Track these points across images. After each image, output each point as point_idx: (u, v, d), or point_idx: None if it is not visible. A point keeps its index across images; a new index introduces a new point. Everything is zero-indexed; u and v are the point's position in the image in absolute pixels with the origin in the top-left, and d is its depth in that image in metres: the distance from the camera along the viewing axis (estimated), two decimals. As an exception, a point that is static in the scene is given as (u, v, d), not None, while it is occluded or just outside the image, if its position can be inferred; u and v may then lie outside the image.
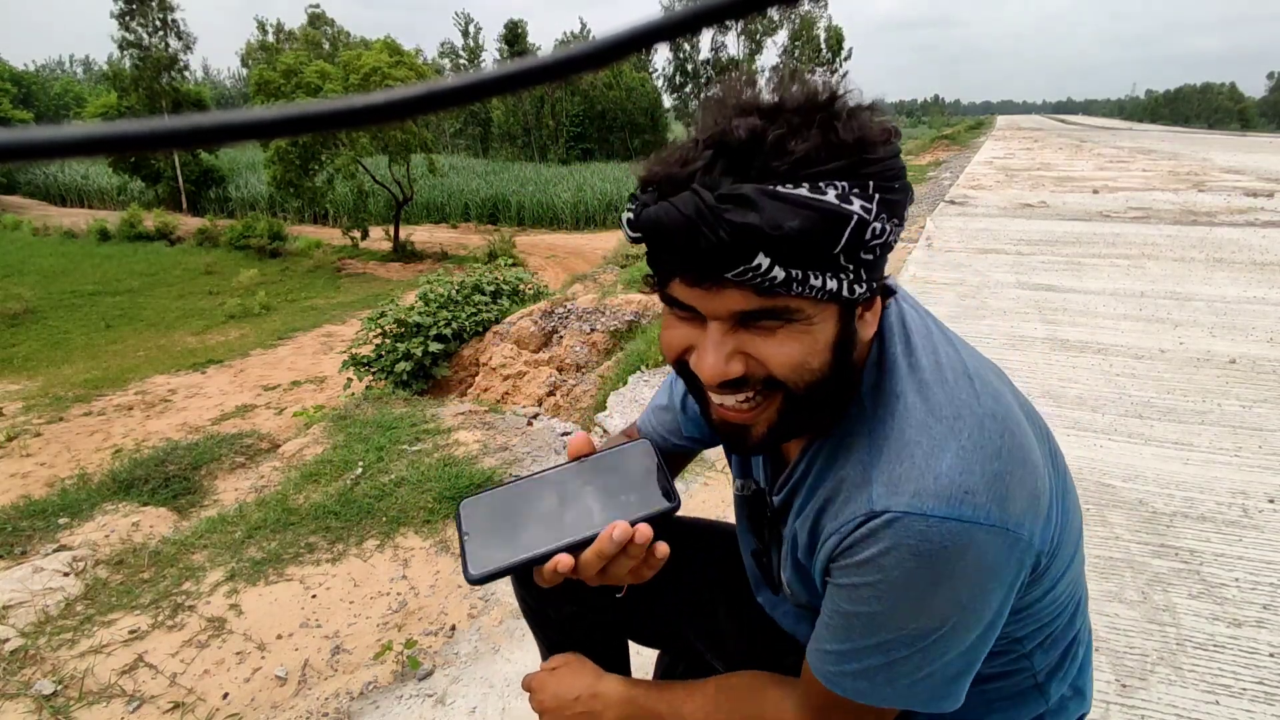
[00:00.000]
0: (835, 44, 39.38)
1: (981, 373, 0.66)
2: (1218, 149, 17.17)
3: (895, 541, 0.59)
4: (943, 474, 0.58)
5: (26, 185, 34.19)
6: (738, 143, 0.54)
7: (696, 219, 0.53)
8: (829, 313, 0.59)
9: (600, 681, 0.87)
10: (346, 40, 39.71)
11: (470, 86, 0.19)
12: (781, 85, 0.57)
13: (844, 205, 0.53)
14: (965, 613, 0.61)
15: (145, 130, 0.17)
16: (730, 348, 0.60)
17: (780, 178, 0.53)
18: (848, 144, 0.54)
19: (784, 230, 0.52)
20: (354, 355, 4.97)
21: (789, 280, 0.54)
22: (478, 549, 0.64)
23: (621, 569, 0.67)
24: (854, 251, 0.55)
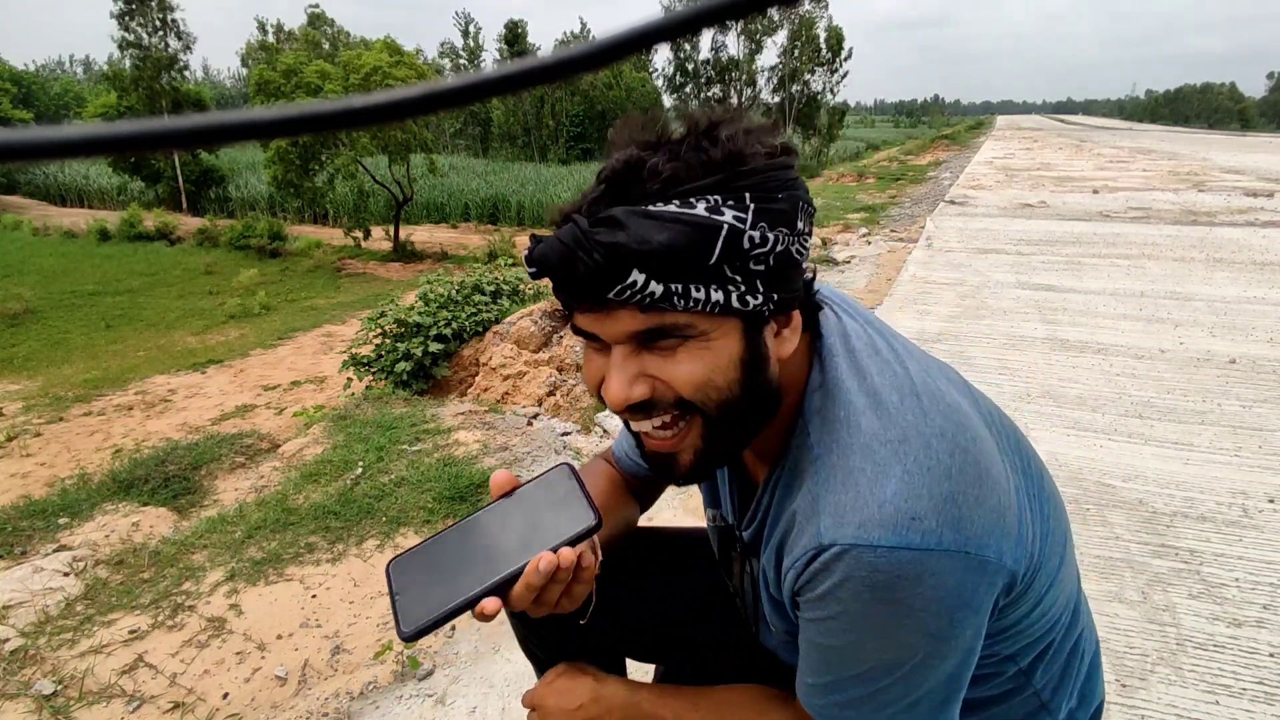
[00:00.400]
0: (835, 44, 39.35)
1: (932, 387, 0.64)
2: (1218, 149, 17.16)
3: (846, 575, 0.58)
4: (887, 501, 0.57)
5: (26, 185, 34.17)
6: (614, 174, 0.57)
7: (573, 246, 0.54)
8: (729, 328, 0.59)
9: (602, 685, 0.86)
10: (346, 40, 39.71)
11: (470, 87, 0.19)
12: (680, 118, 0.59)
13: (714, 216, 0.54)
14: (938, 642, 0.59)
15: (145, 130, 0.17)
16: (633, 371, 0.60)
17: (651, 198, 0.55)
18: (718, 160, 0.56)
19: (652, 245, 0.53)
20: (354, 355, 4.97)
21: (669, 294, 0.55)
22: (408, 606, 0.65)
23: (553, 595, 0.68)
24: (735, 262, 0.55)
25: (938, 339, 3.61)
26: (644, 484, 1.01)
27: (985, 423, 0.67)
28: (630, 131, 0.59)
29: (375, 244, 20.32)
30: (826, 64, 39.60)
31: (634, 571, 0.97)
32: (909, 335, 3.65)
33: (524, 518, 0.70)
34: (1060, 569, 0.71)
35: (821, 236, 6.85)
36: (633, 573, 0.96)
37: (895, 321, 3.91)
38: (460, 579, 0.66)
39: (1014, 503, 0.62)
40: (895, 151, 22.98)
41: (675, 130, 0.58)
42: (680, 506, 2.24)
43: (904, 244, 6.16)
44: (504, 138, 47.75)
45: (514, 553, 0.67)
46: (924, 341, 3.56)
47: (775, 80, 40.13)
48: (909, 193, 10.09)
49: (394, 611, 0.65)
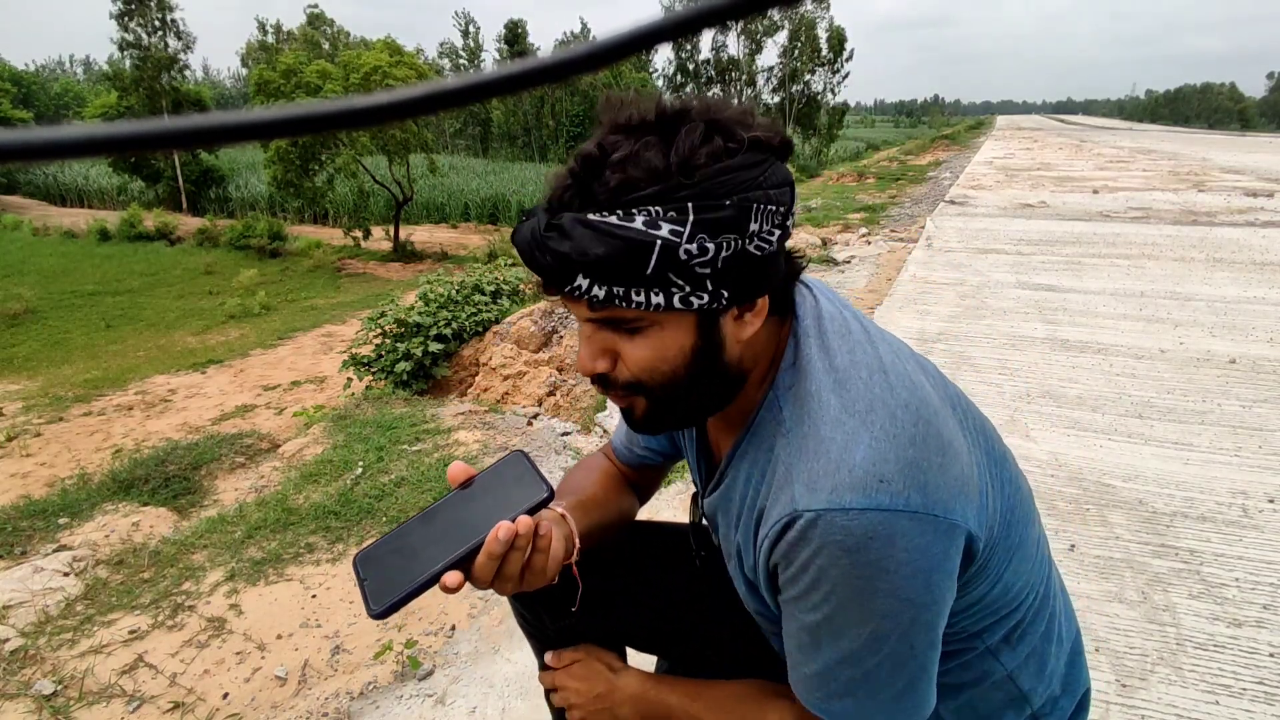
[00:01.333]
0: (837, 44, 39.36)
1: (898, 366, 0.67)
2: (1218, 149, 17.17)
3: (823, 540, 0.60)
4: (857, 465, 0.60)
5: (26, 185, 34.17)
6: (574, 170, 0.60)
7: (532, 244, 0.60)
8: (682, 320, 0.62)
9: (617, 676, 0.90)
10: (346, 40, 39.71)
11: (471, 87, 0.19)
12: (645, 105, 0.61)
13: (650, 231, 0.57)
14: (917, 608, 0.61)
15: (145, 130, 0.17)
16: (597, 345, 0.66)
17: (598, 205, 0.58)
18: (662, 169, 0.57)
19: (590, 257, 0.57)
20: (354, 355, 4.97)
21: (611, 296, 0.59)
22: (376, 588, 0.69)
23: (515, 565, 0.71)
24: (674, 270, 0.58)
25: (938, 339, 3.61)
26: (642, 476, 1.02)
27: (949, 404, 0.70)
28: (609, 112, 0.62)
29: (375, 244, 20.33)
30: (827, 64, 39.61)
31: (633, 563, 0.98)
32: (909, 335, 3.64)
33: (481, 500, 0.74)
34: (1020, 548, 0.73)
35: (821, 236, 6.85)
36: (632, 564, 0.98)
37: (895, 321, 3.91)
38: (423, 558, 0.70)
39: (975, 475, 0.66)
40: (895, 151, 22.98)
41: (648, 114, 0.60)
42: (680, 507, 2.24)
43: (904, 244, 6.16)
44: (504, 138, 47.76)
45: (473, 529, 0.70)
46: (924, 341, 3.57)
47: (775, 80, 40.12)
48: (909, 193, 10.10)
49: (363, 595, 0.69)
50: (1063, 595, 0.85)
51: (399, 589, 0.67)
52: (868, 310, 4.17)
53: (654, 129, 0.59)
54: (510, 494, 0.73)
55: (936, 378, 0.73)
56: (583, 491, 0.92)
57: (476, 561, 0.70)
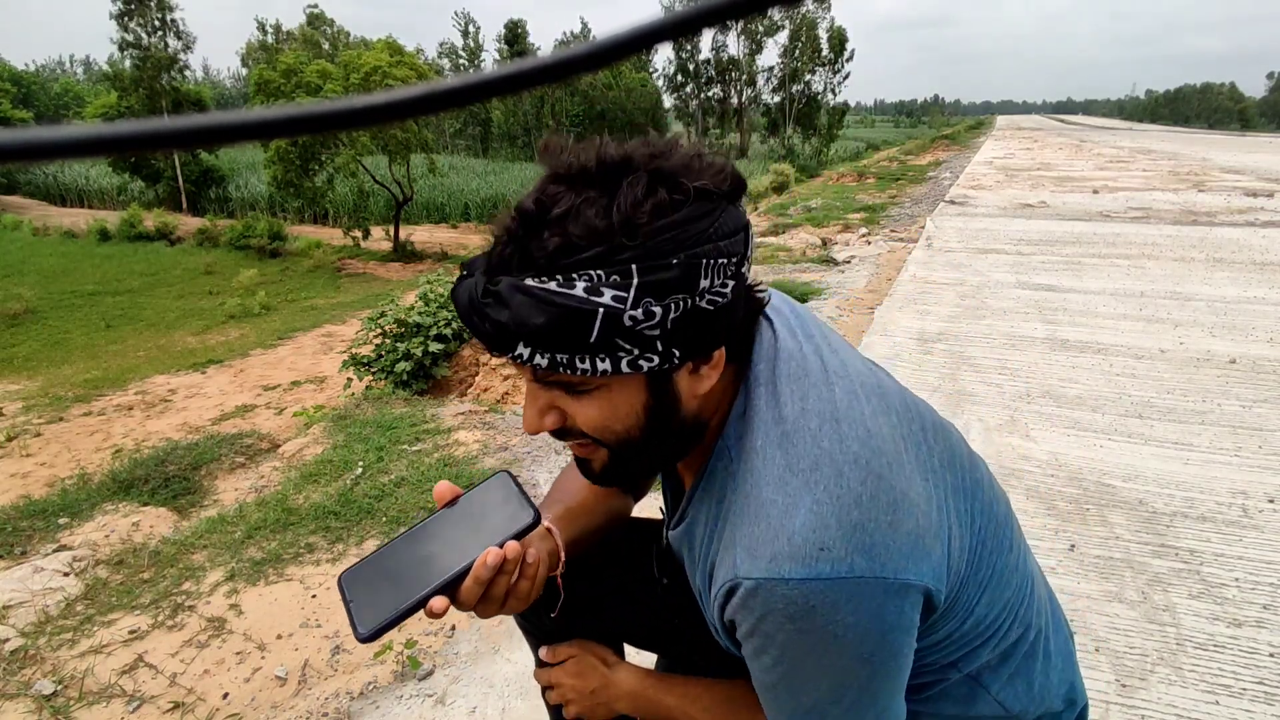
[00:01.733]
0: (837, 44, 39.37)
1: (854, 412, 0.63)
2: (1218, 149, 17.17)
3: (766, 609, 0.58)
4: (796, 533, 0.57)
5: (27, 185, 34.17)
6: (510, 230, 0.57)
7: (470, 309, 0.57)
8: (631, 381, 0.59)
9: (613, 671, 0.90)
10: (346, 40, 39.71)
11: (471, 87, 0.19)
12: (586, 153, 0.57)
13: (592, 298, 0.53)
14: (873, 665, 0.60)
15: (145, 130, 0.17)
16: (542, 404, 0.63)
17: (536, 270, 0.55)
18: (603, 228, 0.54)
19: (529, 327, 0.54)
20: (354, 355, 4.97)
21: (555, 364, 0.56)
22: (362, 611, 0.68)
23: (500, 589, 0.71)
24: (620, 336, 0.55)
25: (938, 339, 3.61)
26: None
27: (909, 442, 0.66)
28: (548, 159, 0.59)
29: (375, 244, 20.33)
30: (828, 64, 39.60)
31: (629, 561, 0.98)
32: (909, 335, 3.64)
33: (467, 522, 0.74)
34: (994, 579, 0.71)
35: (821, 236, 6.84)
36: (628, 562, 0.98)
37: (895, 321, 3.91)
38: (410, 581, 0.69)
39: (934, 521, 0.63)
40: (895, 151, 22.98)
41: (588, 161, 0.56)
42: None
43: (904, 244, 6.16)
44: (504, 138, 47.76)
45: (460, 553, 0.70)
46: (924, 341, 3.57)
47: (775, 80, 40.11)
48: (909, 193, 10.09)
49: (349, 616, 0.68)
50: (1050, 609, 0.83)
51: (386, 612, 0.67)
52: (867, 311, 4.18)
53: (595, 180, 0.56)
54: (497, 517, 0.73)
55: (901, 408, 0.69)
56: (571, 498, 0.91)
57: (463, 586, 0.69)
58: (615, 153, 0.57)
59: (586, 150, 0.58)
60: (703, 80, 41.87)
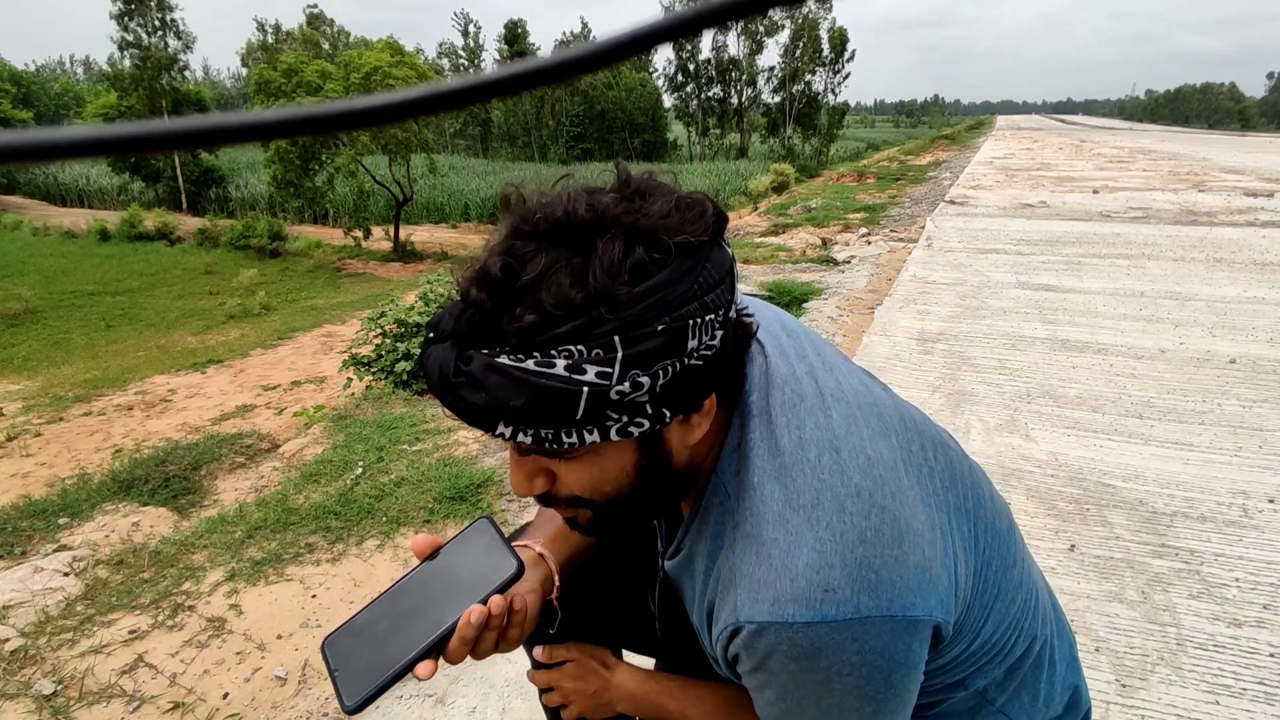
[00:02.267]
0: (838, 45, 39.39)
1: (852, 438, 0.61)
2: (1218, 149, 17.17)
3: (769, 650, 0.57)
4: (799, 574, 0.55)
5: (26, 185, 34.17)
6: (476, 301, 0.52)
7: (442, 387, 0.53)
8: (617, 445, 0.57)
9: (613, 673, 0.89)
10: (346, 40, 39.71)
11: (472, 88, 0.19)
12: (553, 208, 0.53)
13: (574, 376, 0.50)
14: (878, 702, 0.58)
15: (145, 131, 0.17)
16: (529, 469, 0.61)
17: (511, 348, 0.51)
18: (579, 302, 0.50)
19: (509, 409, 0.51)
20: (354, 355, 4.97)
21: (539, 439, 0.53)
22: (348, 680, 0.66)
23: (489, 643, 0.69)
24: (605, 410, 0.51)
25: (938, 339, 3.61)
26: None
27: (910, 465, 0.64)
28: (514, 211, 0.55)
29: (375, 244, 20.33)
30: (829, 64, 39.61)
31: (622, 567, 0.97)
32: (909, 335, 3.63)
33: (449, 576, 0.72)
34: (999, 597, 0.70)
35: (821, 236, 6.84)
36: (621, 568, 0.97)
37: (895, 321, 3.91)
38: (395, 645, 0.67)
39: (940, 550, 0.61)
40: (895, 151, 22.99)
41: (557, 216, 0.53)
42: (680, 506, 2.24)
43: (904, 244, 6.16)
44: (504, 138, 47.77)
45: (444, 611, 0.68)
46: (924, 341, 3.57)
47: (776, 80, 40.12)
48: (909, 193, 10.09)
49: (335, 687, 0.66)
50: (1054, 618, 0.82)
51: (371, 681, 0.65)
52: (867, 310, 4.18)
53: (565, 238, 0.52)
54: (479, 569, 0.71)
55: (900, 427, 0.66)
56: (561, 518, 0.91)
57: (450, 646, 0.67)
58: (585, 210, 0.52)
59: (553, 204, 0.54)
60: (703, 80, 41.87)
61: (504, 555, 0.71)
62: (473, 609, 0.67)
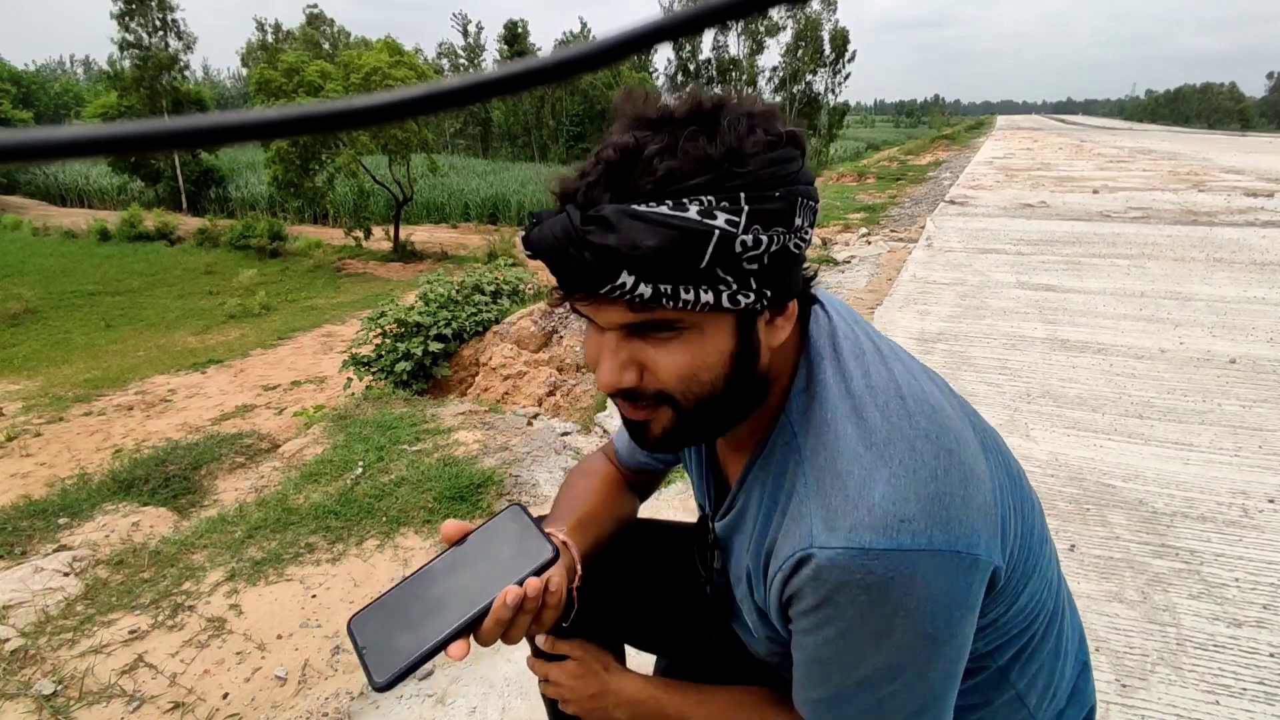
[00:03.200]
0: (840, 45, 39.42)
1: (916, 389, 0.64)
2: (1218, 149, 17.17)
3: (841, 580, 0.58)
4: (876, 505, 0.57)
5: (26, 185, 34.17)
6: (610, 161, 0.56)
7: (565, 241, 0.55)
8: (722, 322, 0.59)
9: (612, 677, 0.88)
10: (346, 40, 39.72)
11: (471, 87, 0.19)
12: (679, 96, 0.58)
13: (706, 221, 0.53)
14: (936, 642, 0.59)
15: (145, 130, 0.17)
16: (624, 356, 0.61)
17: (644, 196, 0.54)
18: (714, 157, 0.54)
19: (642, 250, 0.53)
20: (354, 355, 4.97)
21: (658, 295, 0.55)
22: (376, 657, 0.65)
23: (522, 626, 0.69)
24: (726, 264, 0.55)
25: (938, 339, 3.61)
26: (642, 479, 1.02)
27: (969, 423, 0.67)
28: (633, 106, 0.59)
29: (375, 244, 20.33)
30: (830, 64, 39.63)
31: (635, 562, 0.98)
32: (909, 335, 3.63)
33: (481, 559, 0.71)
34: (1035, 569, 0.72)
35: (821, 236, 6.84)
36: (633, 563, 0.97)
37: (895, 321, 3.91)
38: (427, 625, 0.66)
39: (997, 501, 0.63)
40: (895, 151, 22.99)
41: (678, 109, 0.57)
42: (680, 506, 2.24)
43: (904, 244, 6.16)
44: (504, 137, 47.79)
45: (478, 592, 0.67)
46: (924, 341, 3.57)
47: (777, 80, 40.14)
48: (909, 193, 10.10)
49: (363, 665, 0.65)
50: (1070, 608, 0.83)
51: (402, 659, 0.64)
52: (867, 310, 4.18)
53: (690, 121, 0.56)
54: (513, 552, 0.70)
55: (949, 392, 0.71)
56: (582, 506, 0.91)
57: (483, 627, 0.67)
58: (708, 99, 0.58)
59: (674, 99, 0.58)
60: (703, 80, 41.88)
61: (539, 540, 0.70)
62: (509, 590, 0.66)
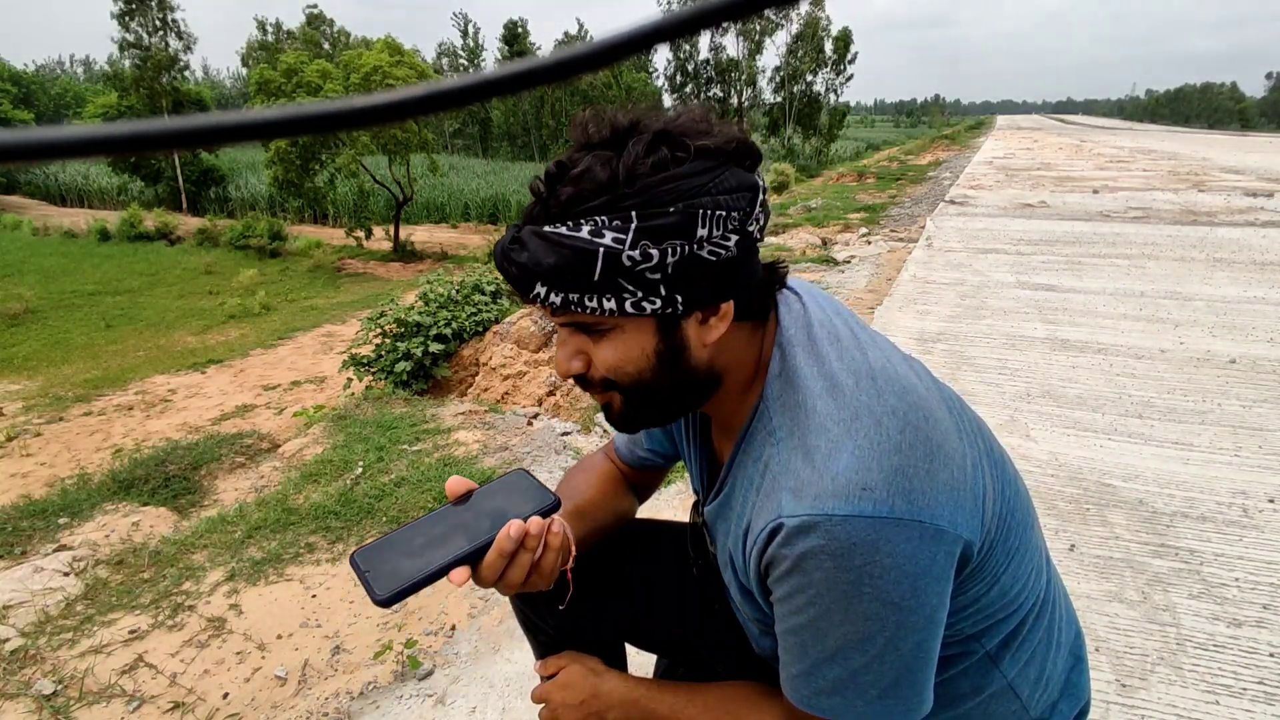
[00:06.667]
0: (842, 46, 39.44)
1: (889, 370, 0.68)
2: (1218, 149, 17.17)
3: (807, 547, 0.61)
4: (839, 474, 0.61)
5: (26, 185, 34.16)
6: (536, 187, 0.65)
7: (501, 257, 0.64)
8: (642, 324, 0.65)
9: (601, 680, 0.88)
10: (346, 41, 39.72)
11: (471, 87, 0.19)
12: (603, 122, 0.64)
13: (594, 239, 0.60)
14: (903, 611, 0.61)
15: (145, 130, 0.17)
16: (571, 348, 0.69)
17: (551, 218, 0.62)
18: (606, 181, 0.60)
19: (544, 266, 0.61)
20: (354, 355, 4.97)
21: (567, 302, 0.62)
22: (380, 578, 0.69)
23: (524, 564, 0.73)
24: (624, 275, 0.61)
25: (938, 339, 3.61)
26: (643, 477, 1.03)
27: (944, 405, 0.70)
28: (575, 131, 0.66)
29: (375, 244, 20.32)
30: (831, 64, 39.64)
31: (633, 562, 0.98)
32: (909, 335, 3.63)
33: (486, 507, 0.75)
34: (1020, 552, 0.73)
35: (821, 236, 6.84)
36: (632, 563, 0.98)
37: (895, 321, 3.91)
38: (430, 553, 0.70)
39: (970, 478, 0.66)
40: (895, 151, 22.98)
41: (597, 133, 0.64)
42: (681, 507, 2.24)
43: (904, 244, 6.16)
44: (504, 138, 47.78)
45: (482, 529, 0.71)
46: (924, 341, 3.57)
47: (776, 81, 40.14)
48: (909, 192, 10.09)
49: (365, 584, 0.68)
50: (1063, 601, 0.84)
51: (405, 578, 0.68)
52: (867, 310, 4.18)
53: (609, 144, 0.63)
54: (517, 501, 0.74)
55: (927, 377, 0.74)
56: (581, 496, 0.93)
57: (486, 559, 0.71)
58: (625, 118, 0.63)
59: (605, 119, 0.64)
60: (702, 80, 41.87)
61: (542, 491, 0.75)
62: (512, 523, 0.71)
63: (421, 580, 0.68)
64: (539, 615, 0.98)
